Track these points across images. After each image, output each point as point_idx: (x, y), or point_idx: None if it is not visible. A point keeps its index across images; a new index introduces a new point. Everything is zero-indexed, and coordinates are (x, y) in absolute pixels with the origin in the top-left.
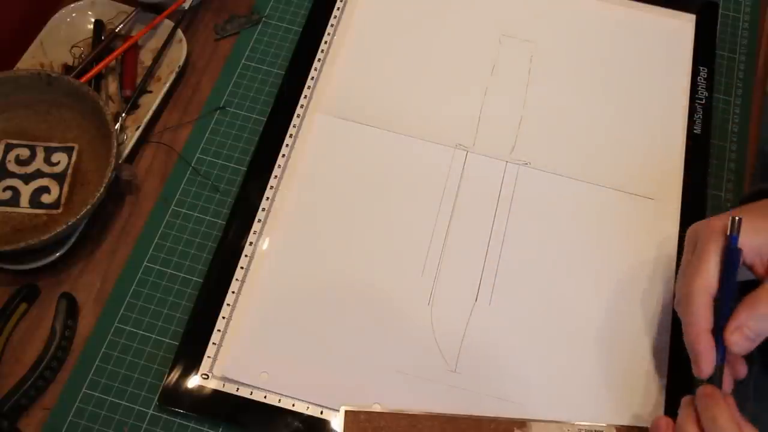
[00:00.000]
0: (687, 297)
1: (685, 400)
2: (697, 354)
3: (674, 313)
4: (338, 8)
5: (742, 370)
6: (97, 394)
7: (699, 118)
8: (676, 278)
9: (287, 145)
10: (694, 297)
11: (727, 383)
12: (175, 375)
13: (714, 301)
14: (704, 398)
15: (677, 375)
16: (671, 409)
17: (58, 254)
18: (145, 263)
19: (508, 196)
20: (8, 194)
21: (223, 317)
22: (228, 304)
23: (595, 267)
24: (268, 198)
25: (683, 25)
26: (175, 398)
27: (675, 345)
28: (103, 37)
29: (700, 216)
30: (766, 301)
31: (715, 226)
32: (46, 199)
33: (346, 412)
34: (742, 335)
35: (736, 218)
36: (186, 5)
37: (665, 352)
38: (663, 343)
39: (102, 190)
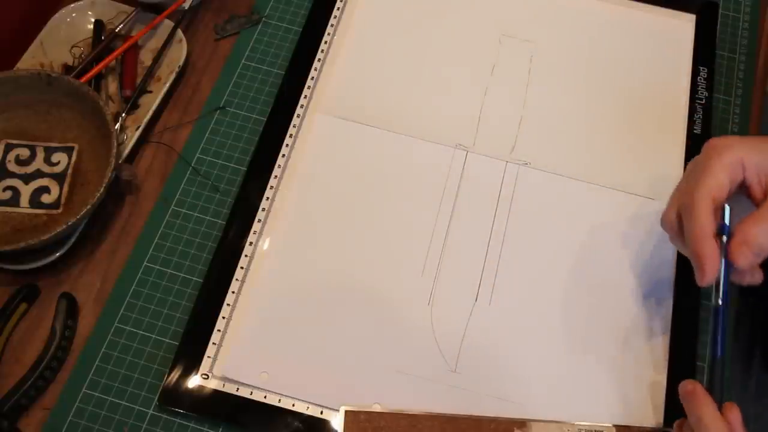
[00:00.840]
0: (691, 203)
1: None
2: (700, 258)
3: (674, 312)
4: (338, 8)
5: (759, 275)
6: (97, 394)
7: (699, 118)
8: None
9: (287, 145)
10: (699, 202)
11: (758, 276)
12: (175, 375)
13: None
14: (686, 397)
15: (677, 375)
16: (671, 408)
17: (58, 254)
18: (145, 263)
19: (508, 196)
20: (8, 194)
21: (223, 317)
22: (228, 304)
23: (594, 267)
24: (268, 198)
25: (683, 25)
26: (175, 398)
27: (675, 345)
28: (103, 37)
29: None
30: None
31: (718, 142)
32: (46, 199)
33: (346, 412)
34: (749, 250)
35: (726, 206)
36: (186, 5)
37: (665, 351)
38: (663, 343)
39: (102, 190)
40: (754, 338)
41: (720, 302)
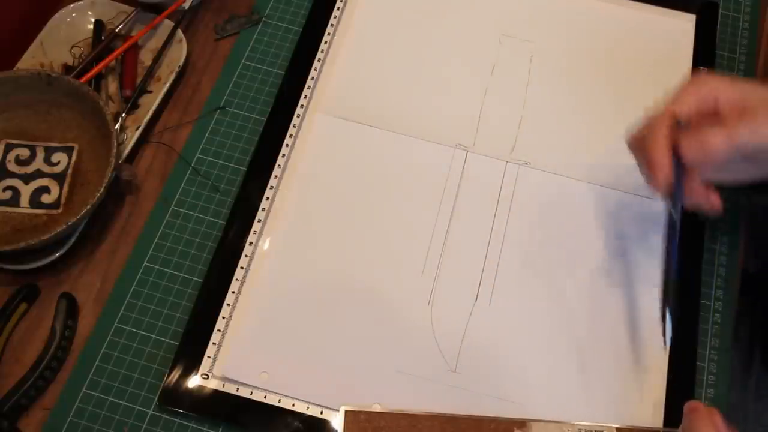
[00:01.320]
0: (653, 117)
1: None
2: (654, 164)
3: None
4: (338, 8)
5: (715, 198)
6: (97, 394)
7: None
8: None
9: (287, 145)
10: (660, 117)
11: (714, 200)
12: (175, 375)
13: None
14: (689, 414)
15: (677, 375)
16: (671, 408)
17: (58, 254)
18: (145, 263)
19: (508, 196)
20: (8, 194)
21: (223, 317)
22: (228, 304)
23: (595, 267)
24: (268, 198)
25: (683, 25)
26: (175, 398)
27: (675, 345)
28: (103, 37)
29: (699, 215)
30: (725, 127)
31: (705, 76)
32: (46, 199)
33: (346, 412)
34: (698, 145)
35: (679, 121)
36: (186, 5)
37: (666, 351)
38: (663, 343)
39: (102, 190)
40: (753, 338)
41: (678, 217)
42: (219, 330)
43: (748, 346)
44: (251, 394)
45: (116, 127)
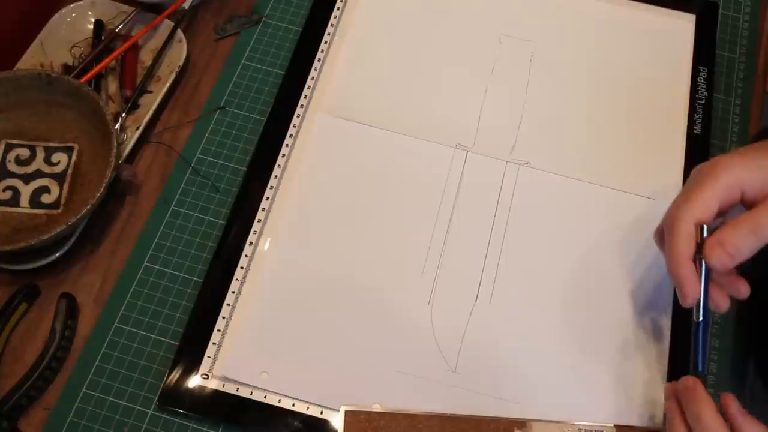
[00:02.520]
0: (672, 222)
1: (667, 388)
2: (680, 279)
3: (675, 312)
4: (338, 8)
5: (743, 287)
6: (97, 394)
7: (699, 118)
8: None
9: (287, 145)
10: (680, 222)
11: (723, 304)
12: (175, 375)
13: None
14: (686, 392)
15: (677, 375)
16: None
17: (58, 254)
18: (145, 263)
19: (508, 195)
20: (8, 194)
21: (223, 317)
22: (228, 304)
23: (594, 267)
24: (268, 198)
25: (683, 25)
26: (175, 398)
27: (675, 344)
28: (103, 37)
29: None
30: (748, 220)
31: (719, 161)
32: (46, 199)
33: (346, 412)
34: (723, 251)
35: (704, 226)
36: (186, 5)
37: (665, 351)
38: (663, 343)
39: (102, 190)
40: (748, 351)
41: (700, 319)
42: (219, 330)
43: (743, 360)
44: (251, 394)
45: (116, 127)
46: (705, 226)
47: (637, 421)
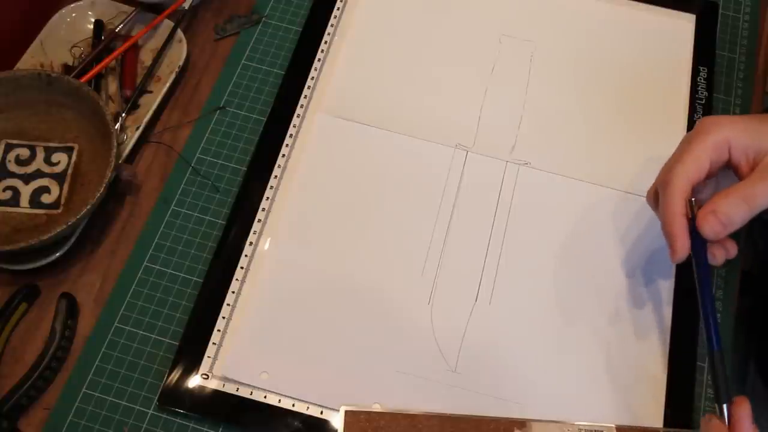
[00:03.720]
0: (667, 181)
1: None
2: (671, 237)
3: (674, 312)
4: (338, 8)
5: (732, 248)
6: (97, 394)
7: (699, 118)
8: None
9: (287, 145)
10: (674, 181)
11: (719, 255)
12: (175, 375)
13: (691, 192)
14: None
15: (677, 374)
16: (671, 408)
17: (58, 254)
18: (145, 263)
19: (508, 196)
20: (8, 194)
21: (223, 317)
22: (228, 304)
23: (594, 267)
24: (268, 198)
25: (683, 25)
26: (175, 398)
27: (675, 344)
28: (103, 37)
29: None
30: (740, 189)
31: (707, 121)
32: (46, 199)
33: (346, 412)
34: (715, 220)
35: (692, 200)
36: (186, 5)
37: (665, 351)
38: (663, 343)
39: (102, 190)
40: (748, 351)
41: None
42: (219, 330)
43: (743, 360)
44: (251, 394)
45: (116, 127)
46: (694, 200)
47: (636, 421)
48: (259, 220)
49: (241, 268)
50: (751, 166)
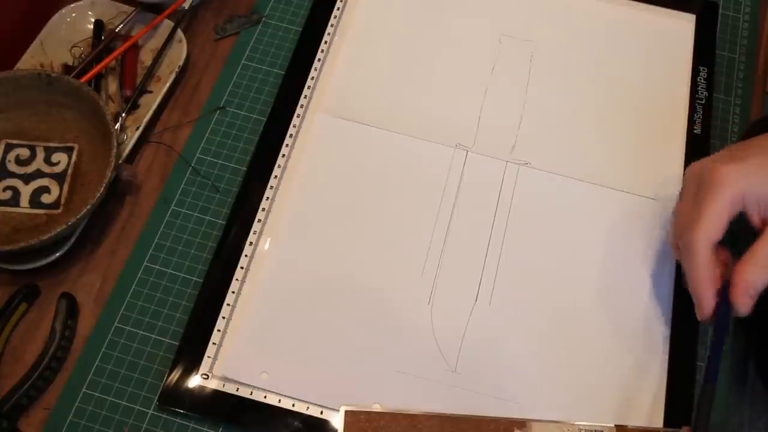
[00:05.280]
0: (690, 243)
1: None
2: (700, 300)
3: (674, 312)
4: (338, 8)
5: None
6: (97, 394)
7: (699, 118)
8: (672, 221)
9: (287, 145)
10: (697, 246)
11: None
12: (175, 375)
13: (714, 247)
14: None
15: (678, 375)
16: (671, 408)
17: (58, 254)
18: (145, 263)
19: (508, 195)
20: (8, 194)
21: (223, 317)
22: (228, 304)
23: (594, 267)
24: (268, 198)
25: (683, 25)
26: (175, 398)
27: (675, 345)
28: (103, 37)
29: None
30: (762, 258)
31: (721, 174)
32: (46, 199)
33: (346, 412)
34: (747, 297)
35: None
36: (186, 5)
37: (665, 352)
38: (663, 343)
39: (102, 190)
40: (748, 352)
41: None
42: (219, 330)
43: (742, 363)
44: (251, 394)
45: (116, 127)
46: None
47: (636, 421)
48: (259, 220)
49: (241, 268)
50: (762, 218)
